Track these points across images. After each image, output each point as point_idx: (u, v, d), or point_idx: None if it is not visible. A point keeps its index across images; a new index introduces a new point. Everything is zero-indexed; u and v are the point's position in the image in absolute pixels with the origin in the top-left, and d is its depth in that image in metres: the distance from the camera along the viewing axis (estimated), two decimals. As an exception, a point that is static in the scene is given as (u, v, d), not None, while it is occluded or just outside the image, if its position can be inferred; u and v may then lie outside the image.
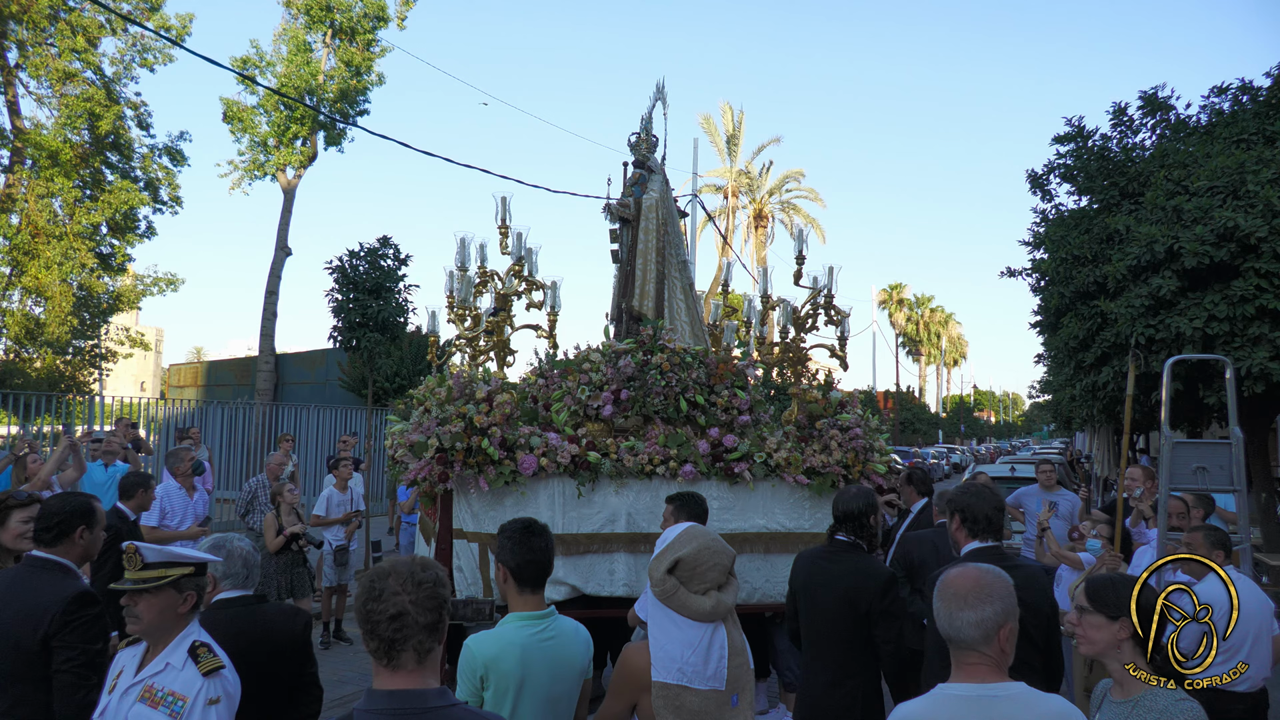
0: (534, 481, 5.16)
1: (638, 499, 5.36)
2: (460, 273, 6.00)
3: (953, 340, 73.79)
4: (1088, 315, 11.04)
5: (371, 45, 21.50)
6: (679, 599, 2.57)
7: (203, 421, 15.32)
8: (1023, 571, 3.26)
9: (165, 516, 6.89)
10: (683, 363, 5.64)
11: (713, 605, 2.58)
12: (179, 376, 24.91)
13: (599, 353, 5.71)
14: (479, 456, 5.01)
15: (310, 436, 16.44)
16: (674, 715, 2.54)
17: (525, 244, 6.17)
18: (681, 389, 5.59)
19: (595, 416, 5.53)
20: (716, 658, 2.58)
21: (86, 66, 19.83)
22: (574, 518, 5.24)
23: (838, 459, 5.62)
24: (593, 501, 5.28)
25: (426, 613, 1.89)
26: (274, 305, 20.80)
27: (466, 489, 5.07)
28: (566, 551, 5.17)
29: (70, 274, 19.70)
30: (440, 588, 1.95)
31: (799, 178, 38.77)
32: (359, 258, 15.21)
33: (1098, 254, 11.01)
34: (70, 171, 19.50)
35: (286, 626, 3.16)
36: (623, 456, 5.33)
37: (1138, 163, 11.82)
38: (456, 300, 5.92)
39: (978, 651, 2.09)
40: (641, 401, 5.55)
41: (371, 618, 1.88)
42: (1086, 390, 11.79)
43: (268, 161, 21.04)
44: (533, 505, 5.13)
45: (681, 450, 5.45)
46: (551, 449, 5.18)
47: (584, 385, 5.51)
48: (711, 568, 2.60)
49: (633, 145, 6.90)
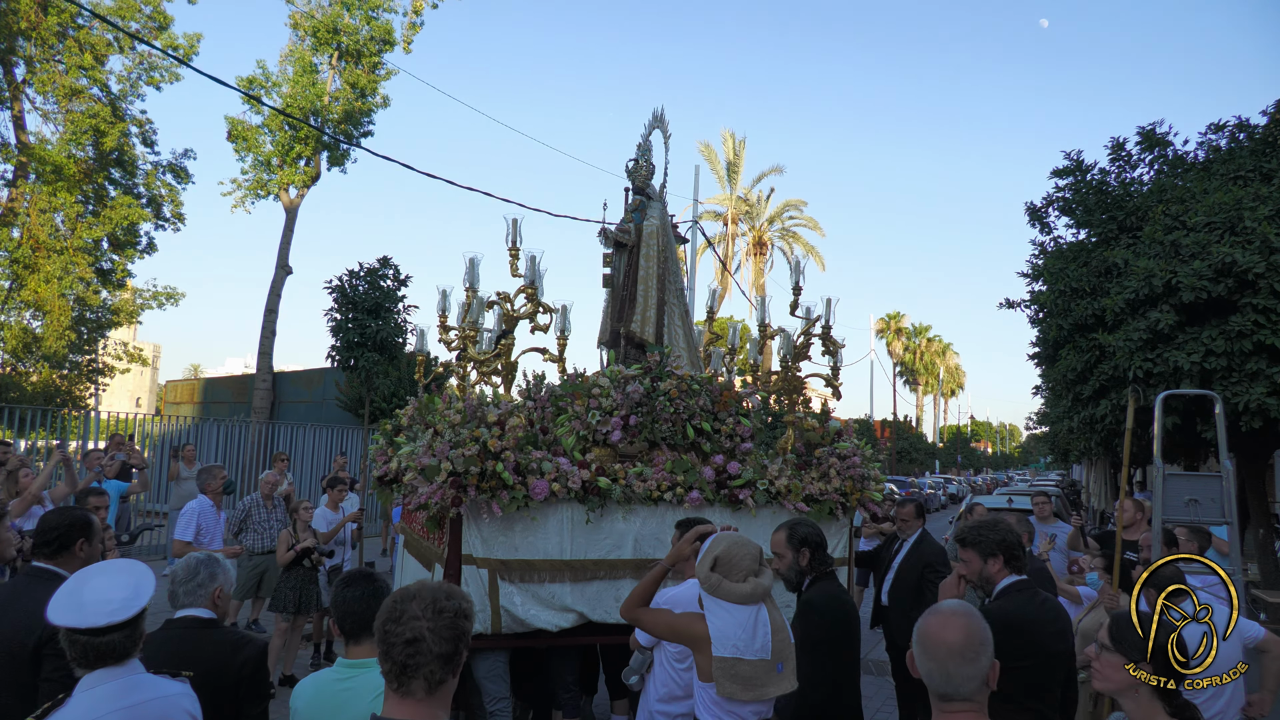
0: (544, 507, 5.10)
1: (644, 525, 5.33)
2: (470, 293, 5.92)
3: (950, 370, 73.85)
4: (1086, 348, 11.05)
5: (377, 68, 21.70)
6: (724, 589, 3.16)
7: (198, 439, 15.27)
8: (1050, 606, 3.35)
9: (200, 534, 6.86)
10: (689, 389, 5.64)
11: (751, 589, 3.17)
12: (175, 393, 24.84)
13: (607, 377, 5.66)
14: (492, 481, 4.91)
15: (306, 456, 16.39)
16: (731, 682, 3.10)
17: (540, 267, 6.08)
18: (688, 415, 5.60)
19: (603, 441, 5.50)
20: (762, 633, 3.16)
21: (93, 83, 20.00)
22: (582, 544, 5.19)
23: (836, 486, 5.76)
24: (600, 527, 5.23)
25: (443, 642, 1.86)
26: (273, 323, 20.80)
27: (478, 514, 4.96)
28: (575, 578, 5.12)
29: (69, 288, 19.73)
30: (462, 619, 1.92)
31: (800, 207, 39.02)
32: (359, 278, 15.25)
33: (1096, 287, 11.05)
34: (73, 186, 19.60)
35: (226, 659, 2.84)
36: (631, 482, 5.30)
37: (1136, 197, 11.90)
38: (467, 321, 5.84)
39: (972, 701, 2.05)
40: (650, 427, 5.54)
41: (389, 639, 1.86)
42: (1084, 423, 11.78)
43: (271, 181, 21.14)
44: (542, 530, 5.08)
45: (687, 476, 5.45)
46: (563, 474, 5.11)
47: (594, 410, 5.48)
48: (744, 558, 3.21)
49: (630, 171, 6.94)
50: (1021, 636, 3.07)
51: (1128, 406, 4.47)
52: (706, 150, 36.15)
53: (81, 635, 2.30)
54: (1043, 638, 3.17)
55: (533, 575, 5.03)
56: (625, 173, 6.98)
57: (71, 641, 2.32)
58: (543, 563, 5.06)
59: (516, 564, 5.00)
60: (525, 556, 5.03)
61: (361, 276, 15.10)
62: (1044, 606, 3.29)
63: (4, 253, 19.36)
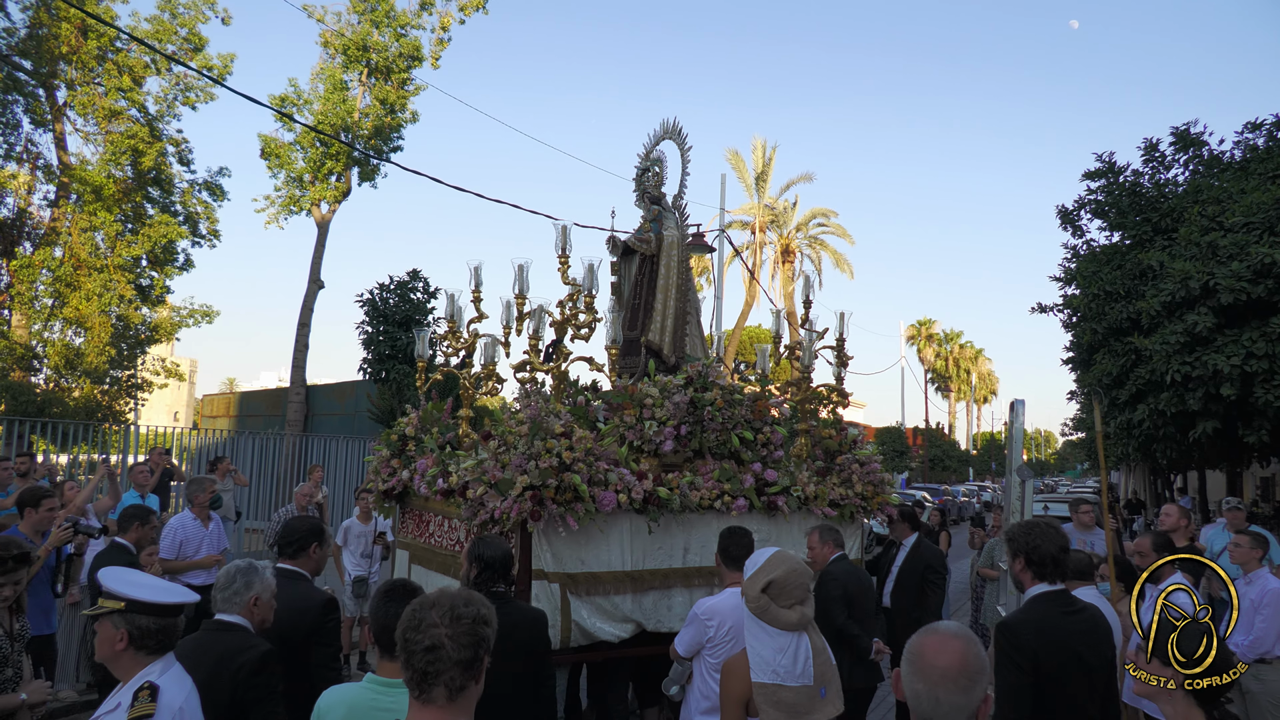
0: (609, 518, 5.08)
1: (693, 533, 5.39)
2: (518, 300, 5.86)
3: (982, 376, 72.95)
4: (1121, 352, 10.89)
5: (406, 84, 21.99)
6: (771, 613, 3.09)
7: (234, 451, 15.50)
8: (1087, 616, 3.24)
9: (183, 548, 6.86)
10: (733, 399, 5.71)
11: (798, 617, 3.11)
12: (212, 407, 25.25)
13: (656, 387, 5.67)
14: (568, 494, 4.85)
15: (340, 467, 16.56)
16: (774, 709, 3.02)
17: (597, 275, 5.99)
18: (732, 425, 5.67)
19: (654, 451, 5.52)
20: (804, 659, 3.10)
21: (131, 105, 20.48)
22: (640, 554, 5.21)
23: (858, 491, 5.97)
24: (656, 537, 5.26)
25: (462, 649, 1.87)
26: (306, 337, 21.09)
27: (554, 527, 4.85)
28: (635, 588, 5.15)
29: (110, 305, 20.17)
30: (481, 625, 1.93)
31: (829, 215, 38.84)
32: (389, 291, 15.46)
33: (1131, 290, 10.89)
34: (113, 206, 20.05)
35: (226, 661, 2.95)
36: (685, 492, 5.34)
37: (1171, 198, 11.71)
38: (528, 330, 5.78)
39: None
40: (699, 436, 5.58)
41: (409, 646, 1.88)
42: (1121, 428, 11.58)
43: (303, 197, 21.48)
44: (605, 542, 5.07)
45: (732, 484, 5.51)
46: (627, 485, 5.09)
47: (650, 420, 5.49)
48: (797, 586, 3.14)
49: (638, 177, 7.00)
50: (1021, 653, 3.01)
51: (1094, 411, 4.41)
52: (734, 158, 36.14)
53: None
54: (1071, 651, 3.07)
55: (599, 588, 5.03)
56: (634, 180, 7.04)
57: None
58: (607, 575, 5.08)
59: (584, 577, 5.00)
60: (592, 569, 5.04)
61: (392, 290, 15.29)
62: (1077, 618, 3.18)
63: (47, 271, 19.83)
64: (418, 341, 6.41)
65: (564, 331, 5.96)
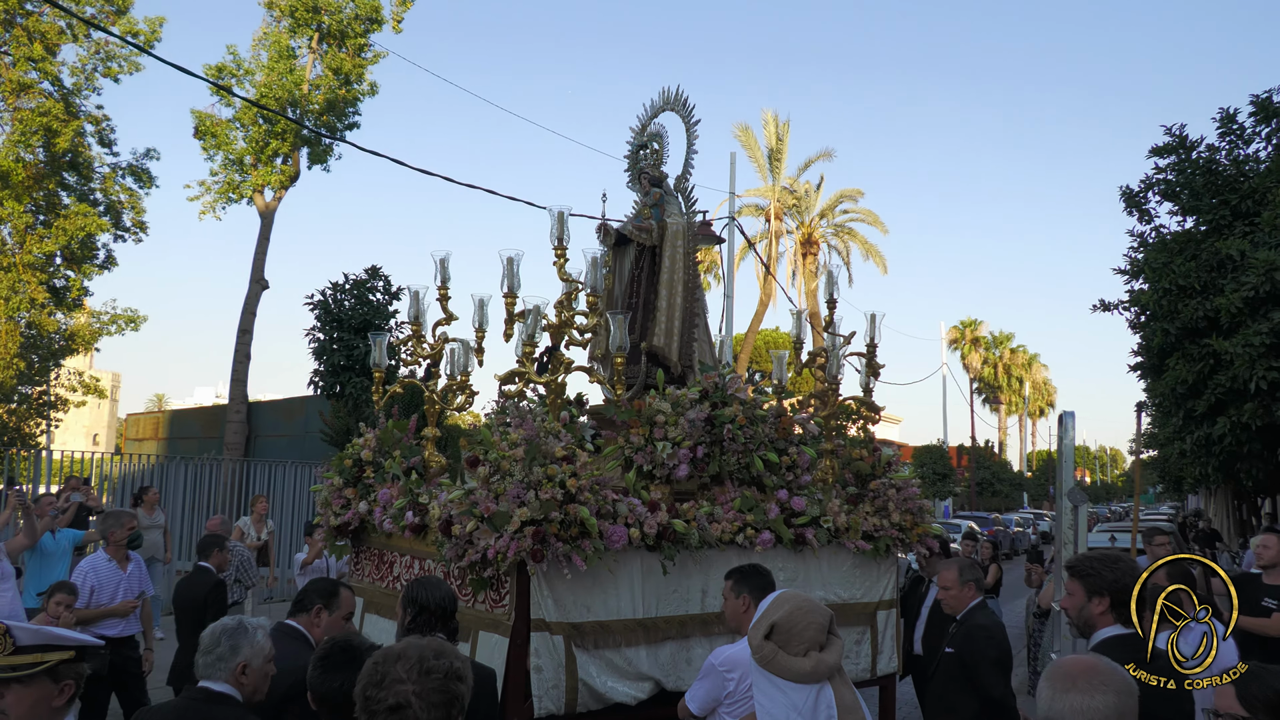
0: (618, 557, 4.91)
1: (713, 574, 5.22)
2: (508, 299, 5.67)
3: (1037, 386, 73.05)
4: (1197, 356, 10.91)
5: (363, 51, 22.06)
6: (779, 663, 2.96)
7: (163, 480, 15.47)
8: (1163, 663, 3.23)
9: (95, 595, 6.87)
10: (755, 416, 5.57)
11: (813, 666, 2.96)
12: (137, 428, 25.24)
13: (667, 403, 5.48)
14: (574, 529, 4.63)
15: (287, 497, 16.54)
16: None
17: (601, 269, 5.78)
18: (755, 445, 5.56)
19: (666, 478, 5.38)
20: (824, 718, 2.95)
21: (44, 77, 20.51)
22: (653, 599, 5.08)
23: (895, 521, 5.93)
24: (670, 579, 5.12)
25: (432, 708, 1.86)
26: (247, 346, 21.10)
27: (557, 569, 4.64)
28: (649, 639, 5.02)
29: (18, 310, 20.15)
30: (454, 681, 1.91)
31: (855, 197, 38.91)
32: (344, 292, 15.48)
33: (1207, 284, 10.91)
34: (22, 194, 20.06)
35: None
36: (704, 525, 5.20)
37: (1252, 177, 11.76)
38: (525, 335, 5.57)
39: None
40: (717, 460, 5.45)
41: (370, 706, 1.86)
42: (1199, 444, 11.59)
43: (243, 182, 21.51)
44: (613, 585, 4.93)
45: (755, 515, 5.40)
46: (639, 517, 4.92)
47: (664, 441, 5.34)
48: (808, 627, 3.00)
49: (631, 155, 6.92)
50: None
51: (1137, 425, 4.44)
52: (744, 134, 36.15)
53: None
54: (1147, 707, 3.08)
55: (608, 639, 4.88)
56: (629, 157, 6.93)
57: None
58: (616, 624, 4.93)
59: (590, 626, 4.84)
60: (599, 617, 4.88)
61: (347, 290, 15.32)
62: (1153, 668, 3.20)
63: (-56, 271, 19.85)
64: (374, 348, 6.22)
65: (560, 336, 5.79)
